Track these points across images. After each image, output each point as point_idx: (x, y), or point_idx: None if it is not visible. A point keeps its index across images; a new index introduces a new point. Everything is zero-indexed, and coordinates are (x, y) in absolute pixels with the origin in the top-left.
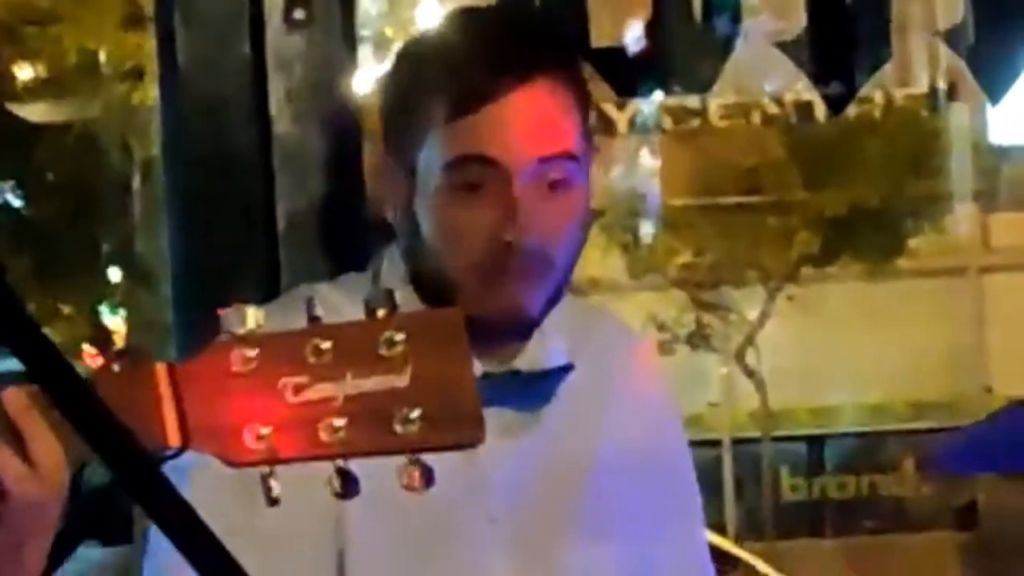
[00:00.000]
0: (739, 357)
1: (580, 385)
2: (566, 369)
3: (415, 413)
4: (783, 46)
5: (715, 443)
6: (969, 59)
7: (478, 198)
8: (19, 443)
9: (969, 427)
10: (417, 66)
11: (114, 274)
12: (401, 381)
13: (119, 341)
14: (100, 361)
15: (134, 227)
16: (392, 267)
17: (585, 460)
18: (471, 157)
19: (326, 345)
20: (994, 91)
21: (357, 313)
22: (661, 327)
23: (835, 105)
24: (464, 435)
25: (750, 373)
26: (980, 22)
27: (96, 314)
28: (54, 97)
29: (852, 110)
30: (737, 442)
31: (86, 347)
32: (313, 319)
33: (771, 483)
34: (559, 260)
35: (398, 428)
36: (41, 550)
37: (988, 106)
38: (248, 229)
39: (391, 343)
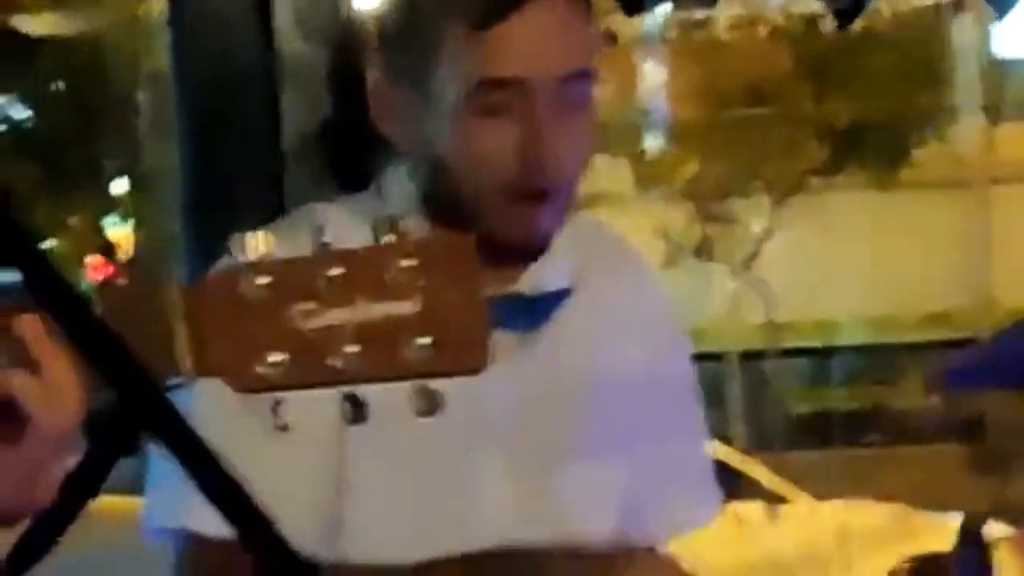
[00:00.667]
0: (746, 269)
1: (579, 305)
2: (565, 292)
3: (424, 339)
4: None
5: (721, 356)
6: None
7: (500, 120)
8: (35, 368)
9: (977, 343)
10: None
11: (120, 185)
12: (411, 307)
13: (126, 252)
14: (109, 271)
15: (140, 138)
16: (398, 187)
17: (583, 379)
18: (492, 80)
19: (337, 271)
20: (1000, 5)
21: (364, 236)
22: (668, 239)
23: (843, 19)
24: (472, 362)
25: (757, 285)
26: None
27: (103, 225)
28: (59, 9)
29: (859, 22)
30: (743, 355)
31: (92, 258)
32: (322, 246)
33: (778, 396)
34: (574, 180)
35: (408, 354)
36: (57, 474)
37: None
38: (254, 146)
39: (401, 269)
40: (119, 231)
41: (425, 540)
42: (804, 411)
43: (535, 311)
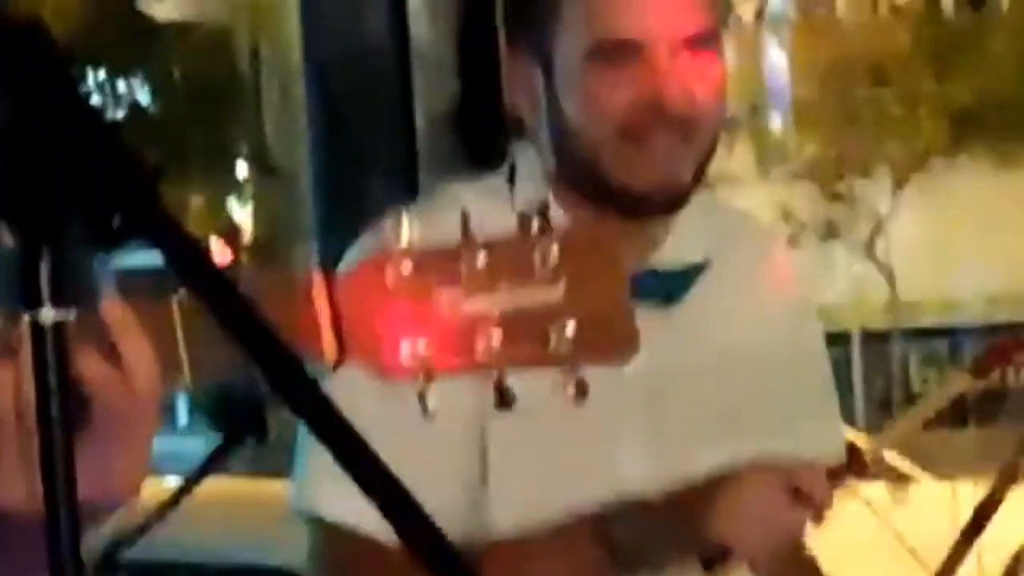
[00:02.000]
0: (868, 249)
1: (715, 281)
2: (701, 267)
3: (569, 328)
4: None
5: (844, 336)
6: None
7: (623, 72)
8: (114, 353)
9: None
10: None
11: (243, 168)
12: (555, 295)
13: (247, 234)
14: (229, 253)
15: (264, 122)
16: (526, 165)
17: (719, 356)
18: (612, 42)
19: (481, 259)
20: None
21: (505, 219)
22: (790, 219)
23: (975, 1)
24: (618, 351)
25: (880, 265)
26: None
27: (225, 208)
28: None
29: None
30: (867, 335)
31: (214, 239)
32: (467, 233)
33: (901, 376)
34: (704, 126)
35: (553, 342)
36: (132, 461)
37: None
38: (387, 127)
39: (546, 257)
40: (241, 214)
41: (563, 508)
42: (928, 391)
43: (672, 286)
